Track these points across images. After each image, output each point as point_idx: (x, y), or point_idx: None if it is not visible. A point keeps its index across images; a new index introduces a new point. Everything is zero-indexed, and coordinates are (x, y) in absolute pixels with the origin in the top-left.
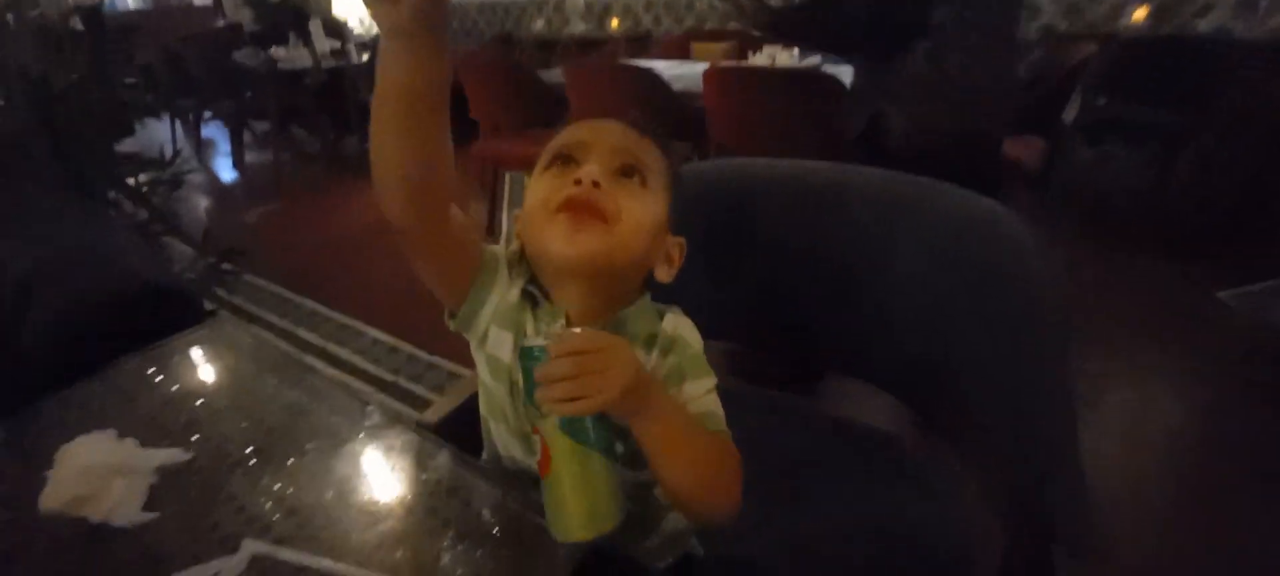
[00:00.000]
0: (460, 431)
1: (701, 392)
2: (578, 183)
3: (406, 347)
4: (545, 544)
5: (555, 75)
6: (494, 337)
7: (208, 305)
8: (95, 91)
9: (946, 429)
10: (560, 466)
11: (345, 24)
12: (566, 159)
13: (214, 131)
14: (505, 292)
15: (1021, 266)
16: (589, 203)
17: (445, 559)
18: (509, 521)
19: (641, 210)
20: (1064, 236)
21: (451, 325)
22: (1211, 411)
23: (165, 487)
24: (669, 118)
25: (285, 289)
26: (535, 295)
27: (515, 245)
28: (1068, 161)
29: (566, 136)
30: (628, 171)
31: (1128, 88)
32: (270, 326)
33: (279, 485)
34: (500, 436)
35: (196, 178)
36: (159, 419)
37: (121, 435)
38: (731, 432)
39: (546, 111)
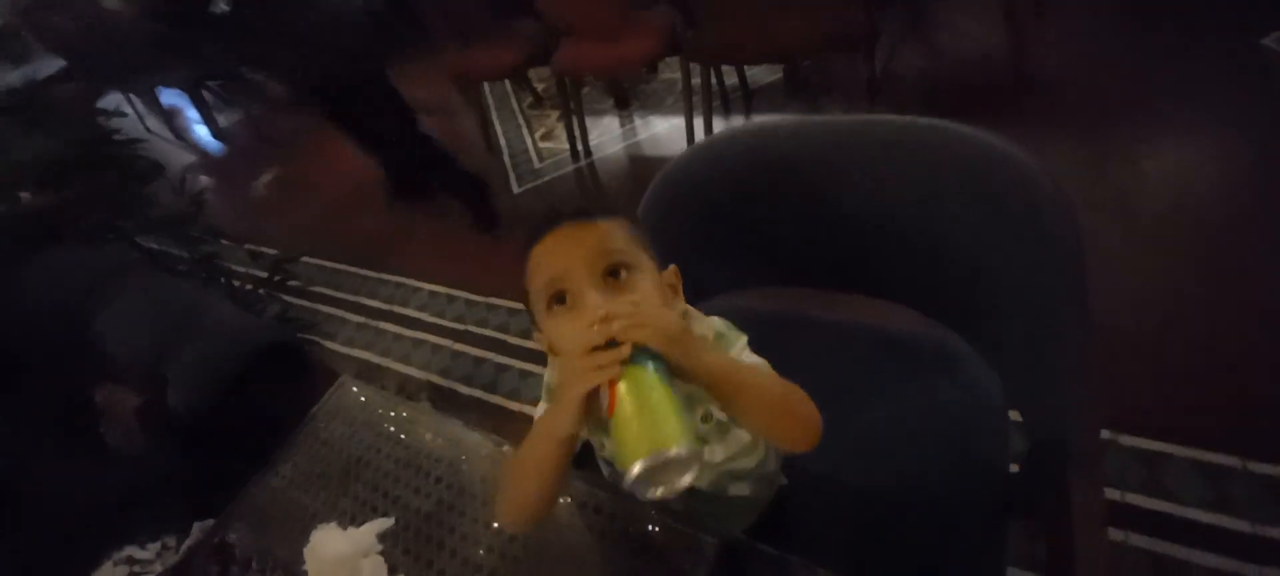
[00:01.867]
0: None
1: (737, 355)
2: (593, 325)
3: (461, 294)
4: (683, 541)
5: None
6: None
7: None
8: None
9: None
10: (623, 398)
11: None
12: (561, 296)
13: (172, 97)
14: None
15: (1034, 201)
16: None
17: (609, 566)
18: (644, 528)
19: (639, 291)
20: (1090, 12)
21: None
22: (1259, 165)
23: (391, 552)
24: None
25: (328, 261)
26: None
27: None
28: None
29: (544, 275)
30: (613, 271)
31: None
32: (336, 302)
33: (468, 529)
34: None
35: (186, 158)
36: (350, 491)
37: (321, 518)
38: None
39: (500, 8)
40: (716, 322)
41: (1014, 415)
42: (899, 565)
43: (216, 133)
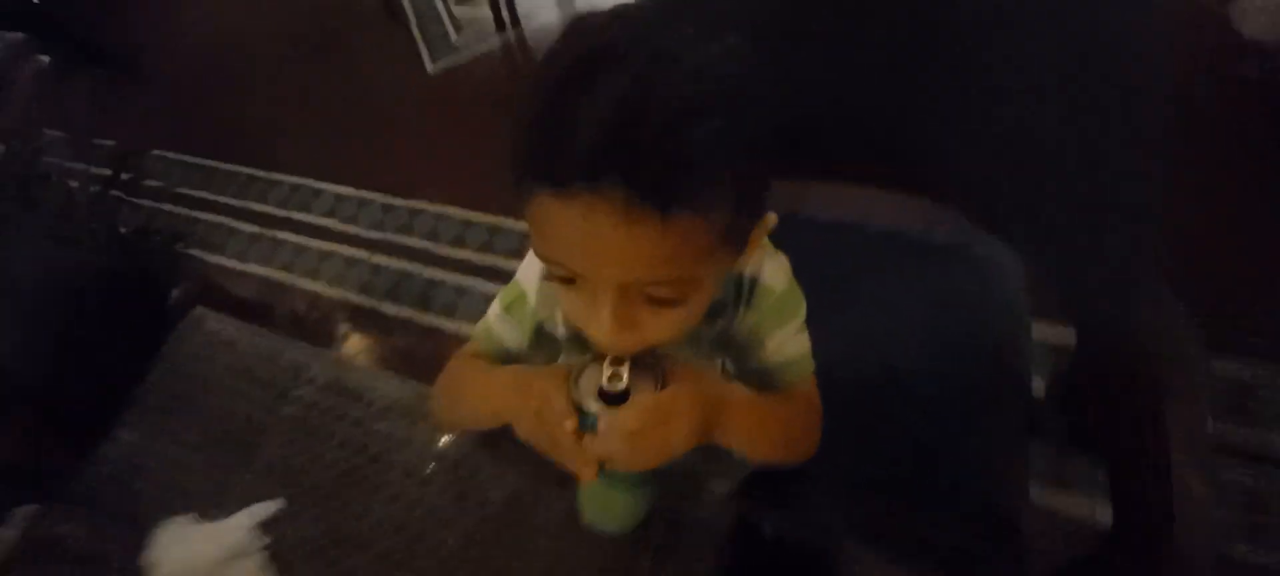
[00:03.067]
0: None
1: (788, 336)
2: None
3: (377, 197)
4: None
5: None
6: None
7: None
8: None
9: (1012, 230)
10: (598, 488)
11: None
12: (570, 279)
13: None
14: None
15: (1131, 44)
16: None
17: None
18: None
19: (679, 320)
20: None
21: None
22: None
23: (281, 548)
24: None
25: (202, 157)
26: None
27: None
28: None
29: (552, 251)
30: (654, 300)
31: None
32: (220, 208)
33: (384, 512)
34: None
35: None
36: (210, 469)
37: (180, 502)
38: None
39: None
40: (783, 276)
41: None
42: (910, 490)
43: None
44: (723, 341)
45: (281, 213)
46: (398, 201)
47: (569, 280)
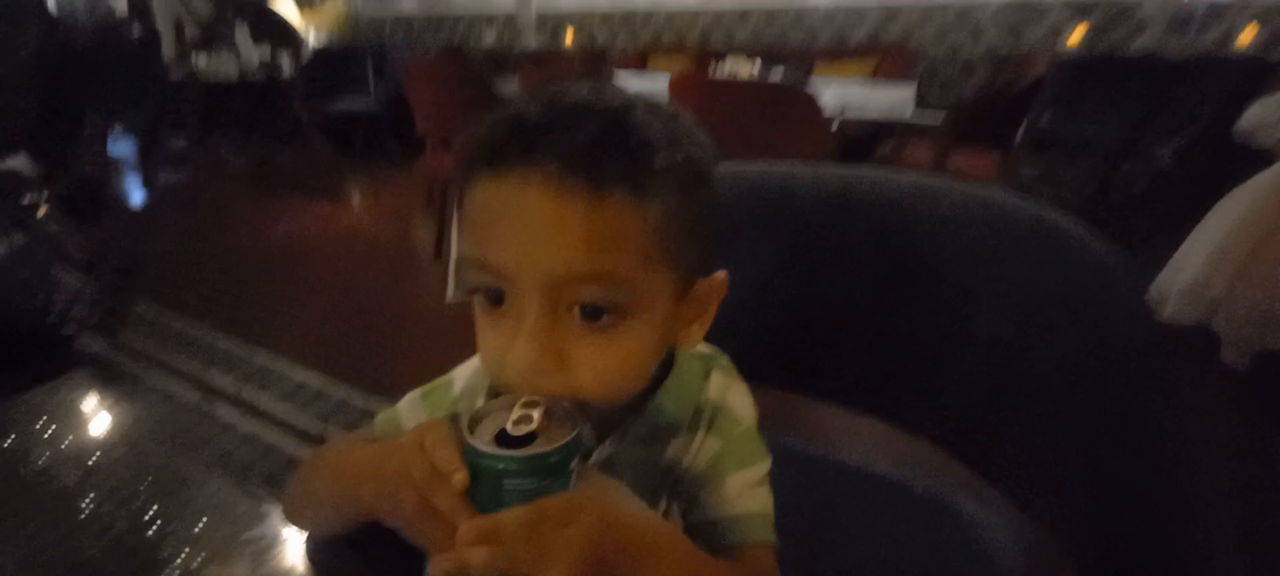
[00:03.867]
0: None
1: (749, 484)
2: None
3: (339, 391)
4: None
5: (511, 86)
6: None
7: (89, 347)
8: None
9: (1005, 478)
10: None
11: (283, 23)
12: (495, 294)
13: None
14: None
15: (1100, 294)
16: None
17: None
18: None
19: (612, 356)
20: None
21: None
22: None
23: None
24: None
25: (194, 324)
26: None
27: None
28: (1016, 176)
29: (477, 250)
30: (590, 312)
31: (1069, 104)
32: (174, 370)
33: None
34: None
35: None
36: None
37: None
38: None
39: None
40: (750, 411)
41: None
42: None
43: (147, 181)
44: (674, 475)
45: (233, 389)
46: (358, 397)
47: (496, 299)
